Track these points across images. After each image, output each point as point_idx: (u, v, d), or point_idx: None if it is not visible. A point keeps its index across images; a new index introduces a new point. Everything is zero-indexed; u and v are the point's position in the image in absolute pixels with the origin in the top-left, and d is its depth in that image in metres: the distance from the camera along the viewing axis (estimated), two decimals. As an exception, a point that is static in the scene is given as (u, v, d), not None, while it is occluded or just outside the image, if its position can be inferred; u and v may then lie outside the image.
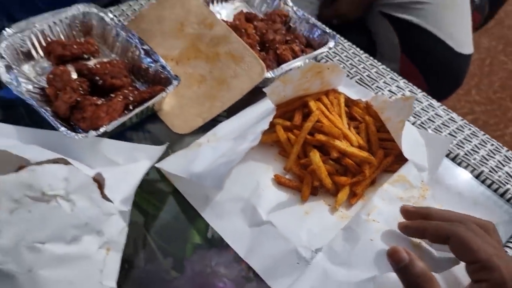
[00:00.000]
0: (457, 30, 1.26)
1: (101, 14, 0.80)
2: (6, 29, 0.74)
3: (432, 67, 1.28)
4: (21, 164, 0.59)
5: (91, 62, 0.77)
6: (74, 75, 0.73)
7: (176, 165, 0.63)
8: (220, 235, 0.60)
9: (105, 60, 0.77)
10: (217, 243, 0.60)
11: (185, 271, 0.58)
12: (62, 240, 0.50)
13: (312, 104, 0.68)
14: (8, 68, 0.69)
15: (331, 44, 0.80)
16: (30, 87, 0.70)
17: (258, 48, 0.79)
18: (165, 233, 0.60)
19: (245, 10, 0.90)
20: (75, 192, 0.52)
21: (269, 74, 0.74)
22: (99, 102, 0.68)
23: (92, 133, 0.62)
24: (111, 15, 0.80)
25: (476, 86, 2.02)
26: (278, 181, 0.64)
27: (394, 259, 0.49)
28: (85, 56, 0.78)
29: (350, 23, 1.23)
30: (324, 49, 0.79)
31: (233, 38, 0.76)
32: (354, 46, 0.89)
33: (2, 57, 0.71)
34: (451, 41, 1.23)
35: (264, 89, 0.65)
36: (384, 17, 1.26)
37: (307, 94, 0.70)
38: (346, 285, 0.51)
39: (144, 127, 0.71)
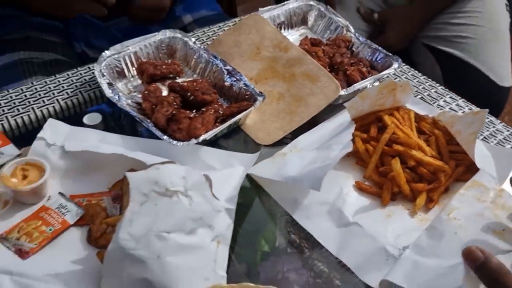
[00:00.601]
0: (499, 64, 1.31)
1: (185, 38, 0.88)
2: (106, 51, 0.83)
3: (473, 99, 1.33)
4: (132, 168, 0.66)
5: (178, 81, 0.85)
6: (164, 92, 0.81)
7: (266, 171, 0.69)
8: (303, 239, 0.64)
9: (188, 79, 0.85)
10: (284, 252, 0.63)
11: (260, 277, 0.60)
12: (183, 231, 0.56)
13: (387, 118, 0.74)
14: (110, 85, 0.77)
15: (395, 65, 0.87)
16: (129, 101, 0.78)
17: (328, 70, 0.87)
18: (239, 239, 0.63)
19: (309, 36, 0.98)
20: (191, 189, 0.58)
21: (342, 92, 0.80)
22: (192, 115, 0.75)
23: (193, 141, 0.69)
24: (193, 39, 0.88)
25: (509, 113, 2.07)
26: (360, 187, 0.70)
27: (470, 258, 0.53)
28: (171, 75, 0.86)
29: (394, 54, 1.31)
30: (390, 70, 0.86)
31: (308, 60, 0.84)
32: (412, 69, 0.96)
33: (103, 75, 0.79)
34: (493, 75, 1.28)
35: (345, 104, 0.72)
36: (427, 49, 1.32)
37: (381, 110, 0.76)
38: (437, 271, 0.55)
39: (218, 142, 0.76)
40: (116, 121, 0.82)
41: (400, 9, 1.31)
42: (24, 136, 0.78)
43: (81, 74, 0.86)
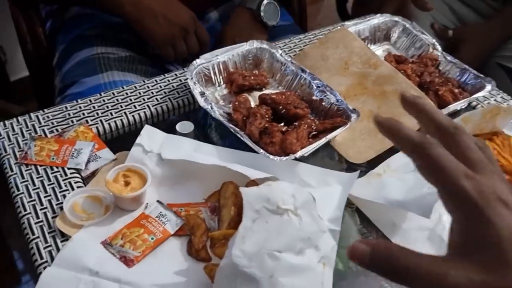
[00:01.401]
0: None
1: (272, 50, 0.88)
2: (196, 60, 0.83)
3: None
4: (230, 181, 0.66)
5: (266, 92, 0.84)
6: (252, 103, 0.81)
7: (364, 191, 0.68)
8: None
9: (275, 91, 0.84)
10: (363, 274, 0.61)
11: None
12: (292, 250, 0.55)
13: (488, 144, 0.71)
14: (202, 94, 0.77)
15: (488, 87, 0.84)
16: (221, 111, 0.78)
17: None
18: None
19: (392, 53, 0.96)
20: (300, 207, 0.57)
21: (437, 113, 0.78)
22: (283, 128, 0.75)
23: (291, 156, 0.68)
24: (280, 51, 0.88)
25: None
26: (460, 215, 0.68)
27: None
28: (258, 86, 0.86)
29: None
30: (483, 93, 0.83)
31: (400, 78, 0.82)
32: (501, 91, 0.93)
33: (195, 83, 0.79)
34: None
35: (461, 118, 0.70)
36: (501, 68, 1.28)
37: (480, 134, 0.74)
38: None
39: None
40: (201, 129, 0.83)
41: (476, 27, 1.27)
42: (115, 140, 0.79)
43: (168, 80, 0.86)
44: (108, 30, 1.06)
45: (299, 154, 0.69)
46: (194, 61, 0.83)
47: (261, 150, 0.69)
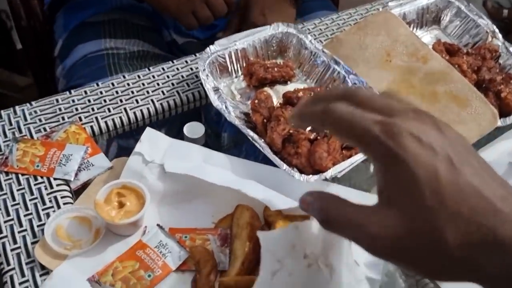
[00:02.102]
0: None
1: (300, 35, 0.74)
2: (211, 46, 0.70)
3: None
4: (242, 203, 0.54)
5: (289, 87, 0.71)
6: (274, 99, 0.68)
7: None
8: None
9: (301, 86, 0.71)
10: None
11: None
12: (322, 310, 0.44)
13: None
14: (215, 90, 0.65)
15: (562, 91, 0.69)
16: (237, 112, 0.65)
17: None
18: None
19: (442, 40, 0.81)
20: (332, 254, 0.45)
21: (499, 123, 0.64)
22: (312, 136, 0.62)
23: (321, 176, 0.56)
24: (310, 37, 0.74)
25: None
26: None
27: None
28: (282, 80, 0.73)
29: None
30: (556, 97, 0.69)
31: (455, 76, 0.68)
32: None
33: (207, 76, 0.66)
34: None
35: (514, 146, 0.57)
36: None
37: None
38: None
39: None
40: (214, 127, 0.71)
41: (536, 7, 1.10)
42: (111, 142, 0.68)
43: (177, 69, 0.74)
44: (117, 16, 0.91)
45: (330, 173, 0.57)
46: (208, 48, 0.70)
47: (284, 166, 0.57)
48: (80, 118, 0.65)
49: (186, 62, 0.75)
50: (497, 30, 0.79)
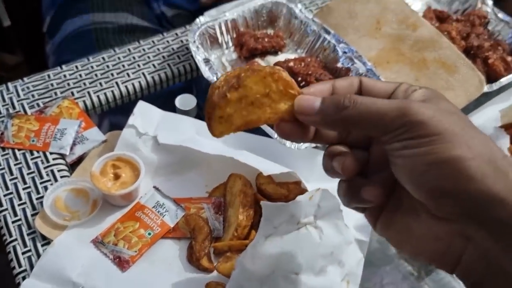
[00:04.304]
0: None
1: (291, 5, 0.74)
2: (200, 17, 0.70)
3: None
4: (235, 172, 0.56)
5: (280, 57, 0.72)
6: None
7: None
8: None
9: (292, 57, 0.72)
10: (384, 263, 0.56)
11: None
12: (312, 271, 0.45)
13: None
14: (206, 62, 0.65)
15: (549, 55, 0.70)
16: (228, 83, 0.66)
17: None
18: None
19: (433, 7, 0.81)
20: (322, 218, 0.47)
21: (486, 89, 0.65)
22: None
23: (311, 144, 0.57)
24: (300, 6, 0.74)
25: None
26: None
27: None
28: (273, 50, 0.73)
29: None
30: (542, 62, 0.70)
31: (443, 43, 0.68)
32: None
33: (198, 48, 0.67)
34: None
35: (499, 111, 0.58)
36: None
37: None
38: None
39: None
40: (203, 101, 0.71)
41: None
42: (105, 115, 0.69)
43: (168, 42, 0.74)
44: None
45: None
46: (198, 19, 0.70)
47: (275, 135, 0.58)
48: (72, 93, 0.66)
49: (176, 34, 0.75)
50: (487, -5, 0.79)
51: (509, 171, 0.28)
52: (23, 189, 0.56)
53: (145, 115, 0.61)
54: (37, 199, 0.55)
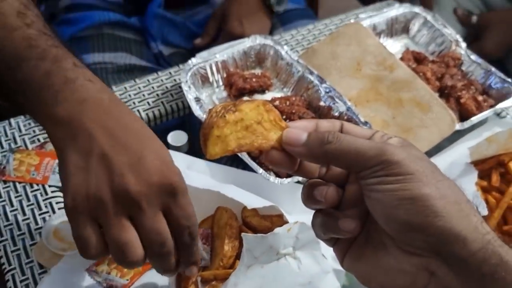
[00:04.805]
0: None
1: (277, 47, 0.79)
2: (192, 58, 0.75)
3: None
4: (222, 206, 0.60)
5: (267, 96, 0.77)
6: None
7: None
8: None
9: (278, 95, 0.77)
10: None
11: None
12: (290, 299, 0.49)
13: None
14: (197, 100, 0.70)
15: (517, 96, 0.76)
16: (217, 120, 0.71)
17: (437, 94, 0.76)
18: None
19: (411, 48, 0.87)
20: (301, 248, 0.51)
21: (457, 127, 0.70)
22: (286, 142, 0.68)
23: (293, 178, 0.62)
24: (286, 48, 0.79)
25: None
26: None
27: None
28: (260, 89, 0.78)
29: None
30: (511, 101, 0.75)
31: (418, 84, 0.74)
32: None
33: (190, 88, 0.72)
34: None
35: (468, 148, 0.63)
36: None
37: (504, 153, 0.66)
38: None
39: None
40: (197, 135, 0.76)
41: (502, 14, 1.16)
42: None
43: (162, 80, 0.79)
44: (106, 31, 0.95)
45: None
46: (190, 61, 0.75)
47: (260, 170, 0.63)
48: (72, 129, 0.70)
49: (170, 73, 0.80)
50: (460, 39, 0.85)
51: (471, 213, 0.32)
52: (23, 220, 0.60)
53: (139, 150, 0.65)
54: (35, 229, 0.59)
